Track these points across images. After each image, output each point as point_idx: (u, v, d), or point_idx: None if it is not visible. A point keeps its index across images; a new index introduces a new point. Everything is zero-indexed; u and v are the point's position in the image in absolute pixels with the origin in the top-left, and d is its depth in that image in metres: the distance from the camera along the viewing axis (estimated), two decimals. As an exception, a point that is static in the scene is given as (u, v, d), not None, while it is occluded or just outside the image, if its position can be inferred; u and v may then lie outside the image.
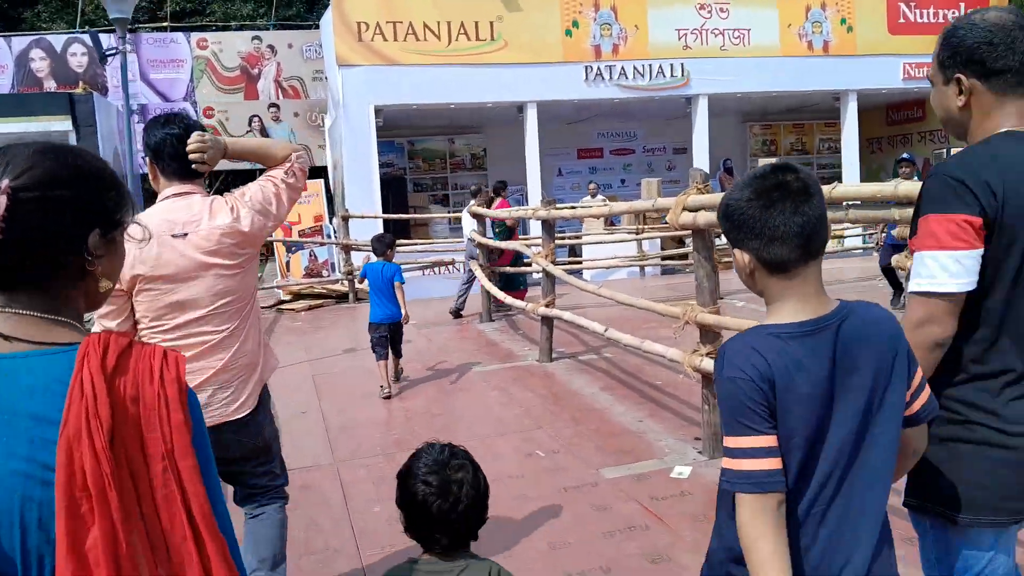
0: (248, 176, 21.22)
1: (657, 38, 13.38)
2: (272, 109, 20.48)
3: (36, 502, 0.95)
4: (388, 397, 6.02)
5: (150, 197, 2.77)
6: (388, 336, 6.14)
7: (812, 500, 1.34)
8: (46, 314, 1.05)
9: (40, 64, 17.97)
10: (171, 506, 1.00)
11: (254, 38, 20.67)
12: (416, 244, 12.83)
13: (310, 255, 12.48)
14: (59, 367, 1.00)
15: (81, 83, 13.08)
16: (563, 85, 12.93)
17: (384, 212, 12.31)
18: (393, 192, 13.92)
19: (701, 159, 13.70)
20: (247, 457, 2.51)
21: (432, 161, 16.54)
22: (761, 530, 1.28)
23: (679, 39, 13.49)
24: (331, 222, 13.01)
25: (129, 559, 0.94)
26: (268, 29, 21.53)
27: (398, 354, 6.47)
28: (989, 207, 1.48)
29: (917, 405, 1.43)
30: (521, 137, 13.16)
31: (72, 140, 11.33)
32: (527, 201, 13.28)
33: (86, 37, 16.73)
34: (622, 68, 13.15)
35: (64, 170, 1.06)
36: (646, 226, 12.10)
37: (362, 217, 11.48)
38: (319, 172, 15.83)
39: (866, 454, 1.36)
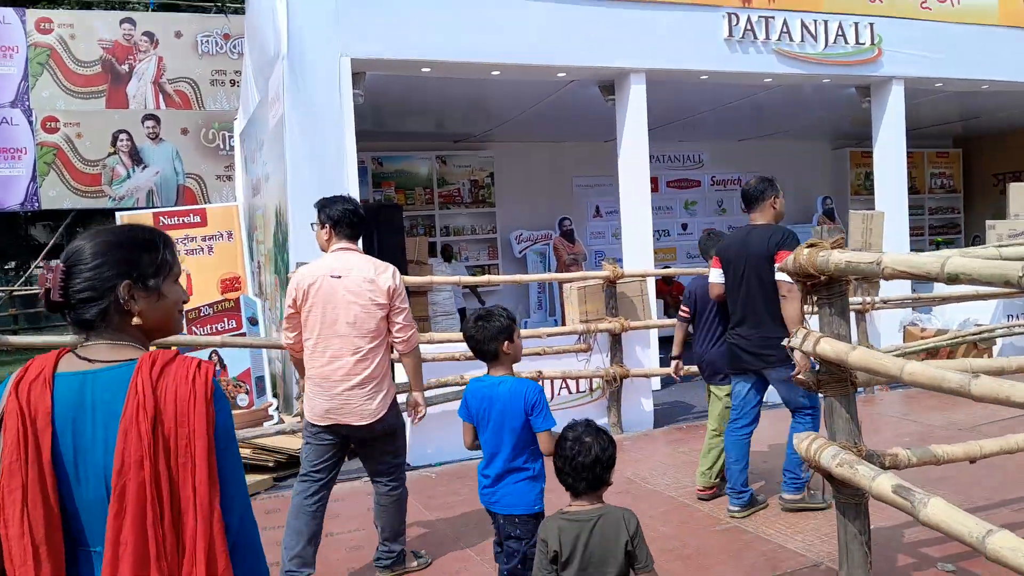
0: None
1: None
2: (149, 123, 14.00)
3: (110, 467, 1.44)
4: None
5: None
6: None
7: None
8: (112, 340, 1.54)
9: None
10: (184, 470, 1.46)
11: (124, 20, 14.35)
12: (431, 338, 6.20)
13: (213, 359, 5.97)
14: (123, 376, 1.49)
15: None
16: (688, 45, 7.13)
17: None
18: (381, 232, 7.20)
19: (891, 194, 8.14)
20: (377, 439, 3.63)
21: (411, 190, 10.29)
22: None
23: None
24: (253, 293, 6.64)
25: (152, 500, 1.43)
26: (147, 9, 14.90)
27: None
28: (722, 253, 4.40)
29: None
30: (549, 157, 7.13)
31: None
32: (622, 251, 7.26)
33: None
34: (784, 23, 7.47)
35: (97, 247, 1.54)
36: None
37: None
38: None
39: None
